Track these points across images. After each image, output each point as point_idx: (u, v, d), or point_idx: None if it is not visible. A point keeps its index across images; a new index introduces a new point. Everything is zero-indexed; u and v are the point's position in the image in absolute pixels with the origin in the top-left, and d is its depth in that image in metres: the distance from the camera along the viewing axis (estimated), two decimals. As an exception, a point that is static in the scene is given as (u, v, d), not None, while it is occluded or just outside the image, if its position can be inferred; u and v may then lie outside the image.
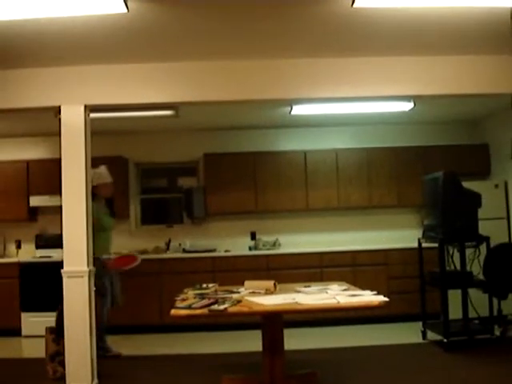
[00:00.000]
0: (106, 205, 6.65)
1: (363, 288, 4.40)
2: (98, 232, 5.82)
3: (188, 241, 8.63)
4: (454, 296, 6.75)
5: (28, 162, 8.45)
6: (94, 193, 6.08)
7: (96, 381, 5.24)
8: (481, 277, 6.58)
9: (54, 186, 5.90)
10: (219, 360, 6.26)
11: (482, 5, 4.10)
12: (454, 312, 6.67)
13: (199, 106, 6.63)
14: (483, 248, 6.57)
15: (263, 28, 4.58)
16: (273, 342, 4.40)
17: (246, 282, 4.91)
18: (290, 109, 7.25)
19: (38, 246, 8.52)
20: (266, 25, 4.50)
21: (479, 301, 6.71)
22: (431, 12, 4.29)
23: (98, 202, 6.31)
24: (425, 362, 5.91)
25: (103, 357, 5.98)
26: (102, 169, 6.63)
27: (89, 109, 5.38)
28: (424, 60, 5.38)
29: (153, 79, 5.36)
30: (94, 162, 5.49)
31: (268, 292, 4.49)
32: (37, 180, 8.31)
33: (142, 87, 5.35)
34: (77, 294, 5.13)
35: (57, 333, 5.59)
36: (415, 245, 7.14)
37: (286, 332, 4.64)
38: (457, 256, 6.77)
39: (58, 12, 3.93)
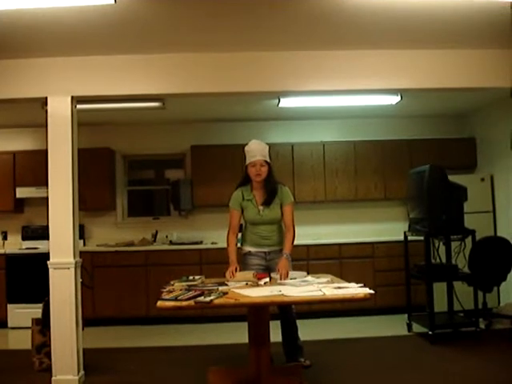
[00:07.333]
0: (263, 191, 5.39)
1: (349, 280, 4.41)
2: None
3: (175, 233, 8.64)
4: (440, 289, 6.81)
5: (14, 154, 8.40)
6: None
7: (82, 372, 5.24)
8: (466, 270, 6.62)
9: (40, 177, 5.87)
10: (206, 352, 6.27)
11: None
12: (440, 305, 6.74)
13: (186, 98, 6.63)
14: (469, 241, 6.61)
15: (250, 20, 4.58)
16: (259, 334, 4.41)
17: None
18: (277, 101, 7.25)
19: (24, 238, 8.50)
20: (253, 17, 4.49)
21: (464, 294, 6.76)
22: (419, 5, 4.30)
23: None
24: (410, 354, 5.96)
25: None
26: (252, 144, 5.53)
27: (75, 100, 5.36)
28: (411, 53, 5.39)
29: (140, 71, 5.34)
30: (81, 153, 5.46)
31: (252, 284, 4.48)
32: (23, 171, 8.28)
33: (129, 79, 5.33)
34: (63, 285, 5.12)
35: (43, 324, 5.59)
36: (401, 238, 7.16)
37: (273, 324, 4.65)
38: (442, 249, 6.82)
39: (45, 3, 3.91)
